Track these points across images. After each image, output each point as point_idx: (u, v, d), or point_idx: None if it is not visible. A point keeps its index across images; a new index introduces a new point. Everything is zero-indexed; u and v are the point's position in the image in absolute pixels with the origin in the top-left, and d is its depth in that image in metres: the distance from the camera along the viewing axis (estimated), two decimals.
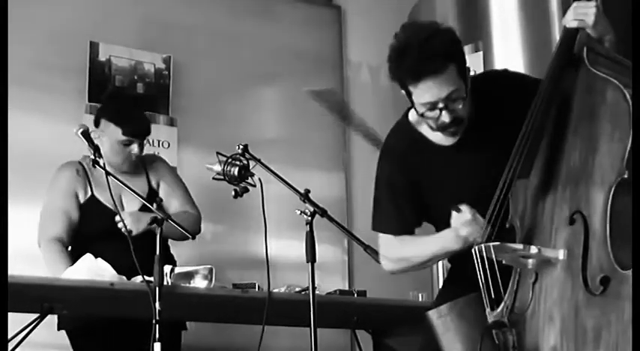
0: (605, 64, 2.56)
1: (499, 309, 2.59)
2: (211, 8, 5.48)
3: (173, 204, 4.04)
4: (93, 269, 3.42)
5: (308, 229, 3.00)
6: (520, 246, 2.54)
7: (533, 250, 2.52)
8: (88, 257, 3.48)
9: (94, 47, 5.03)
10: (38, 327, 3.29)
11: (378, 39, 6.02)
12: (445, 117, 2.68)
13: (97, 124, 4.00)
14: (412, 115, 2.90)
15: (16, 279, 2.91)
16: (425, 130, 2.86)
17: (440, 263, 5.23)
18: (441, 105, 2.66)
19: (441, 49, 2.62)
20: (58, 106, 4.82)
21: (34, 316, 3.29)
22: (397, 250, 2.96)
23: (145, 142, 4.03)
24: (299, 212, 3.02)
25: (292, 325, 3.97)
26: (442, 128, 2.74)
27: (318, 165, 5.58)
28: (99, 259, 3.57)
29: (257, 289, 3.60)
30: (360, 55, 6.05)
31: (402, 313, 3.99)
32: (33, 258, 3.86)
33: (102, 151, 3.63)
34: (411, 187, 2.92)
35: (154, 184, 4.08)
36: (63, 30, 4.95)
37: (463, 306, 2.83)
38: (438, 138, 2.85)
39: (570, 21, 2.63)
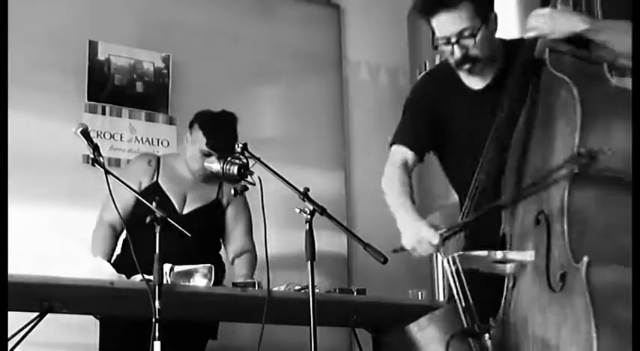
0: (567, 62, 2.57)
1: (469, 317, 2.62)
2: (210, 7, 5.48)
3: (235, 234, 4.17)
4: (92, 267, 3.42)
5: (307, 227, 3.00)
6: (484, 253, 2.58)
7: (498, 255, 2.55)
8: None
9: (93, 46, 5.03)
10: (38, 326, 3.29)
11: (377, 38, 6.07)
12: (457, 52, 2.80)
13: (190, 125, 4.10)
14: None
15: (16, 278, 2.91)
16: (462, 73, 2.95)
17: (439, 262, 5.24)
18: (453, 40, 2.78)
19: None
20: (58, 105, 4.82)
21: (34, 314, 3.29)
22: (388, 182, 3.05)
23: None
24: (298, 211, 3.02)
25: (292, 324, 3.97)
26: (457, 64, 2.86)
27: (318, 163, 5.58)
28: (97, 257, 3.57)
29: (257, 287, 3.60)
30: (359, 54, 6.06)
31: (401, 311, 3.98)
32: (33, 257, 3.86)
33: (186, 155, 4.03)
34: (433, 115, 3.03)
35: (223, 197, 4.16)
36: (62, 29, 4.95)
37: (441, 317, 2.85)
38: (471, 82, 2.94)
39: (527, 32, 2.65)
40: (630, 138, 2.37)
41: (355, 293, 3.85)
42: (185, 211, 4.03)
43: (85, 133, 3.45)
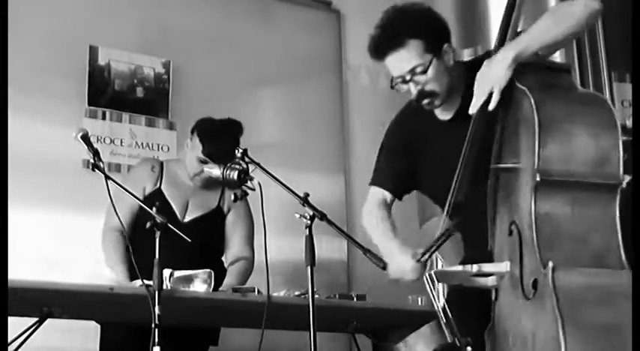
0: (529, 72, 2.57)
1: (450, 332, 2.63)
2: (210, 12, 5.48)
3: (234, 240, 4.15)
4: (92, 272, 3.42)
5: (307, 232, 3.00)
6: (459, 268, 2.60)
7: (474, 268, 2.56)
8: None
9: (93, 51, 5.03)
10: (37, 331, 3.28)
11: None
12: (413, 90, 2.83)
13: (192, 131, 4.11)
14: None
15: (15, 283, 2.91)
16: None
17: (439, 268, 5.24)
18: (407, 78, 2.81)
19: (404, 26, 2.83)
20: (58, 110, 4.82)
21: (33, 320, 3.29)
22: (368, 220, 3.11)
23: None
24: (298, 216, 3.02)
25: (292, 329, 3.96)
26: (417, 101, 2.86)
27: (318, 169, 5.58)
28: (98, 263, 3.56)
29: (256, 292, 3.60)
30: (359, 58, 6.04)
31: (401, 317, 3.99)
32: (33, 262, 3.87)
33: (185, 160, 4.05)
34: (409, 152, 3.05)
35: (224, 204, 4.15)
36: (63, 34, 4.95)
37: (427, 334, 2.88)
38: (440, 114, 2.95)
39: (491, 105, 2.62)
40: (594, 142, 2.39)
41: (355, 299, 3.84)
42: (187, 219, 4.03)
43: (86, 138, 3.45)
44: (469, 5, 5.00)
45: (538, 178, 2.35)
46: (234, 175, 3.20)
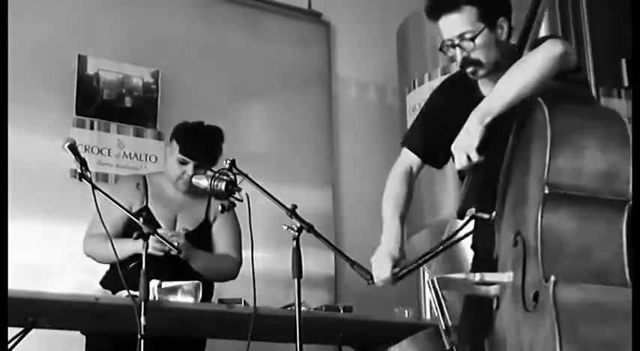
0: (548, 83, 2.60)
1: (449, 339, 2.63)
2: (200, 23, 5.49)
3: (220, 244, 4.07)
4: (79, 282, 3.41)
5: (295, 244, 3.00)
6: (462, 275, 2.59)
7: (477, 277, 2.55)
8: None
9: (82, 61, 5.03)
10: (22, 341, 3.27)
11: (366, 55, 6.09)
12: (458, 55, 2.81)
13: (171, 138, 4.06)
14: None
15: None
16: (481, 81, 2.93)
17: (427, 281, 5.23)
18: (455, 42, 2.80)
19: None
20: (46, 119, 4.82)
21: (18, 330, 3.27)
22: (388, 186, 3.04)
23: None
24: (286, 228, 3.02)
25: (278, 341, 3.96)
26: (461, 67, 2.86)
27: (306, 180, 5.58)
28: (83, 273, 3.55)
29: (243, 304, 3.59)
30: (349, 71, 6.07)
31: (388, 329, 3.98)
32: (18, 272, 3.85)
33: (167, 168, 3.99)
34: (446, 121, 2.96)
35: (211, 215, 4.09)
36: (51, 43, 4.95)
37: (423, 340, 2.86)
38: (486, 89, 2.90)
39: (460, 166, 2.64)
40: (604, 157, 2.39)
41: (342, 311, 3.84)
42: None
43: (73, 148, 3.44)
44: None
45: (547, 191, 2.35)
46: (222, 186, 3.20)
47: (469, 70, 2.84)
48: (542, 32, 4.63)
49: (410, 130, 3.19)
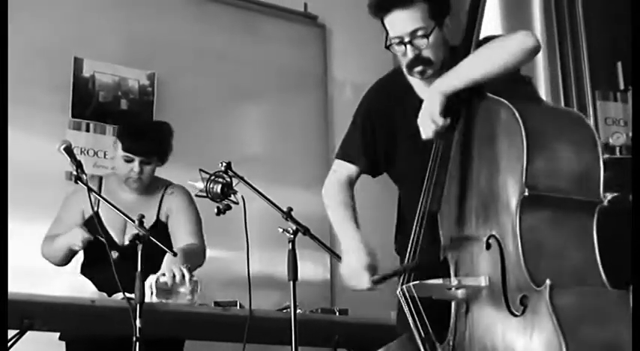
0: (499, 82, 2.59)
1: (428, 347, 2.61)
2: (196, 25, 5.49)
3: (178, 235, 4.00)
4: (74, 285, 3.41)
5: (290, 247, 3.00)
6: (439, 281, 2.56)
7: (454, 282, 2.54)
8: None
9: (78, 63, 5.03)
10: (18, 343, 3.27)
11: (361, 57, 6.08)
12: (409, 52, 2.75)
13: (116, 138, 4.03)
14: (402, 67, 2.92)
15: None
16: (414, 81, 2.89)
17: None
18: (406, 39, 2.74)
19: None
20: (42, 122, 4.81)
21: (14, 332, 3.27)
22: (329, 199, 3.06)
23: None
24: (281, 230, 3.02)
25: (274, 344, 3.96)
26: (409, 66, 2.79)
27: (301, 183, 5.58)
28: (80, 275, 3.54)
29: (238, 306, 3.59)
30: (344, 73, 6.07)
31: (383, 332, 3.98)
32: (14, 274, 3.84)
33: (116, 168, 3.92)
34: (388, 124, 2.95)
35: (162, 213, 4.05)
36: (47, 45, 4.94)
37: (397, 348, 2.85)
38: (422, 91, 2.85)
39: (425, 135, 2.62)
40: (576, 158, 2.40)
41: (337, 313, 3.85)
42: (127, 241, 3.77)
43: (69, 150, 3.44)
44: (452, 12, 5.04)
45: (527, 193, 2.35)
46: (218, 188, 3.20)
47: (418, 69, 2.78)
48: (539, 35, 4.66)
49: (346, 141, 3.11)
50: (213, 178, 3.21)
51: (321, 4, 6.04)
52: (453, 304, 2.61)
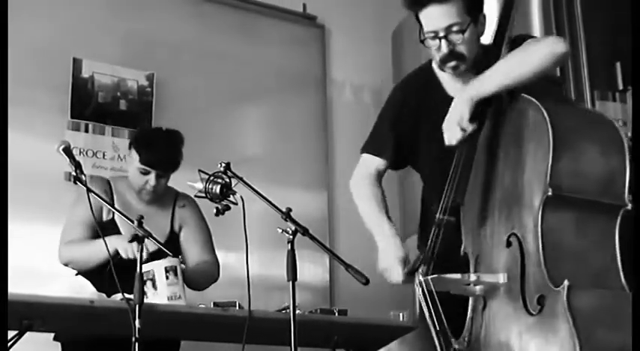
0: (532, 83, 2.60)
1: (442, 340, 2.62)
2: (195, 26, 5.49)
3: (191, 252, 4.02)
4: (73, 286, 3.40)
5: (289, 247, 3.00)
6: (458, 276, 2.57)
7: (472, 277, 2.55)
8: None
9: (77, 63, 5.03)
10: (17, 344, 3.26)
11: (361, 58, 6.09)
12: (444, 47, 2.77)
13: (130, 146, 3.99)
14: (435, 62, 2.94)
15: None
16: (442, 77, 2.90)
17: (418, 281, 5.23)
18: (441, 34, 2.75)
19: None
20: (41, 122, 4.81)
21: (13, 333, 3.27)
22: (358, 190, 3.09)
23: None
24: (280, 231, 3.02)
25: (273, 344, 3.95)
26: (442, 61, 2.81)
27: (301, 183, 5.58)
28: (78, 275, 3.53)
29: (238, 307, 3.59)
30: (344, 74, 6.07)
31: (383, 332, 3.98)
32: (13, 274, 3.84)
33: (129, 177, 3.89)
34: (414, 118, 2.99)
35: (176, 225, 4.06)
36: (46, 46, 4.95)
37: (412, 341, 2.86)
38: (451, 88, 2.86)
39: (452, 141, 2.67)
40: (603, 161, 2.39)
41: (337, 314, 3.83)
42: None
43: (68, 151, 3.44)
44: None
45: (550, 193, 2.34)
46: (217, 189, 3.20)
47: (451, 64, 2.80)
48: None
49: (373, 136, 3.15)
50: (212, 178, 3.21)
51: (320, 4, 6.04)
52: (470, 300, 2.62)
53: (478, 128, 2.62)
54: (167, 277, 3.48)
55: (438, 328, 2.63)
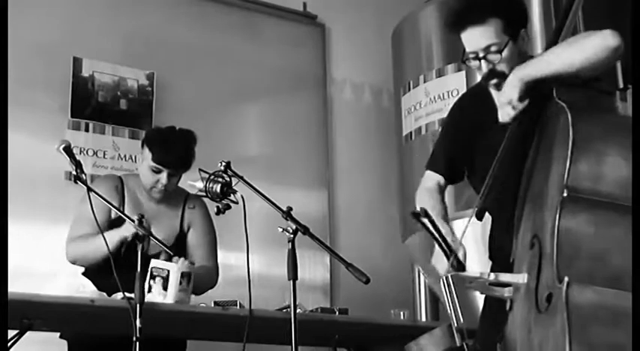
0: (571, 90, 2.60)
1: (460, 336, 2.64)
2: (195, 25, 5.49)
3: (195, 254, 4.01)
4: (73, 285, 3.40)
5: (290, 246, 3.00)
6: (476, 274, 2.58)
7: (491, 276, 2.55)
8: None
9: (77, 63, 5.03)
10: (17, 343, 3.26)
11: (361, 57, 6.09)
12: (484, 67, 2.81)
13: (142, 145, 3.98)
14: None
15: None
16: (494, 93, 2.92)
17: (422, 283, 5.24)
18: (480, 55, 2.79)
19: (487, 3, 2.79)
20: (41, 121, 4.81)
21: (13, 332, 3.27)
22: (420, 200, 3.05)
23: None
24: (281, 230, 3.02)
25: (274, 343, 3.96)
26: (484, 79, 2.85)
27: (301, 182, 5.58)
28: (81, 275, 3.53)
29: (238, 306, 3.59)
30: (344, 73, 6.08)
31: (383, 331, 3.99)
32: (13, 274, 3.84)
33: (140, 174, 3.88)
34: (467, 138, 3.02)
35: (185, 226, 4.05)
36: (46, 45, 4.95)
37: (440, 336, 2.87)
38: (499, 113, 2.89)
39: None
40: (625, 164, 2.40)
41: (337, 313, 3.84)
42: (152, 251, 3.77)
43: (68, 150, 3.43)
44: None
45: (565, 194, 2.35)
46: (217, 188, 3.20)
47: (492, 82, 2.84)
48: (537, 34, 4.67)
49: (434, 152, 3.18)
50: (212, 177, 3.21)
51: (321, 3, 6.05)
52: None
53: (526, 113, 2.65)
54: (181, 282, 3.48)
55: (456, 325, 2.66)
